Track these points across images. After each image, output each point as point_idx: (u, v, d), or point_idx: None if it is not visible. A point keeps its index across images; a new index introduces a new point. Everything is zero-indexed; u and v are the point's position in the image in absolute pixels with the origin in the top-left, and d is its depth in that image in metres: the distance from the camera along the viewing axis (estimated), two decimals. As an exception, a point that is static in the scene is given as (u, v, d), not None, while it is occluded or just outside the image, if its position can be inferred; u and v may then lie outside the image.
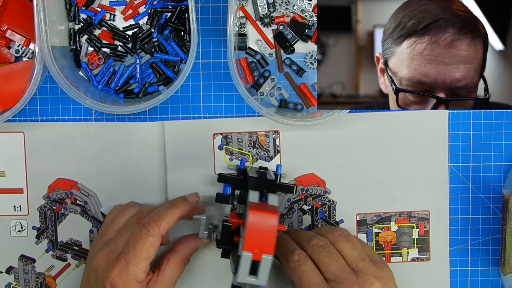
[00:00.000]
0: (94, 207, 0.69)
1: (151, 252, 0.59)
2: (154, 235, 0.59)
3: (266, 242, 0.55)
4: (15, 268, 0.70)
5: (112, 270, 0.58)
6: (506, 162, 0.69)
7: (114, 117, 0.69)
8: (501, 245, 0.70)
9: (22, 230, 0.70)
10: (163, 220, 0.60)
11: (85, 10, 0.68)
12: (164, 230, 0.60)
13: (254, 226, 0.55)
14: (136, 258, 0.58)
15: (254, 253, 0.55)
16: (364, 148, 0.69)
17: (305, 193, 0.69)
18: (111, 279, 0.57)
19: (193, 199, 0.64)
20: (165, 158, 0.68)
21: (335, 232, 0.63)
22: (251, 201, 0.58)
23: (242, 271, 0.55)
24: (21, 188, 0.69)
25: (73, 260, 0.70)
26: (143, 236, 0.58)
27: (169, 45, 0.68)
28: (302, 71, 0.68)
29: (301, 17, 0.68)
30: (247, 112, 0.69)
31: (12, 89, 0.65)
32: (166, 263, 0.63)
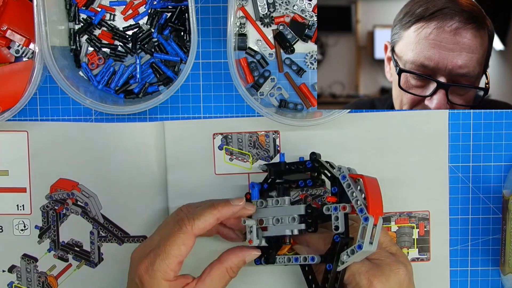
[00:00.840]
0: (95, 209, 0.69)
1: (182, 250, 0.57)
2: (186, 232, 0.57)
3: (379, 205, 0.56)
4: (17, 267, 0.70)
5: (141, 264, 0.57)
6: (506, 162, 0.69)
7: (114, 117, 0.69)
8: (501, 245, 0.70)
9: (25, 229, 0.70)
10: (198, 220, 0.58)
11: (85, 10, 0.68)
12: (198, 230, 0.57)
13: (371, 189, 0.56)
14: (165, 254, 0.56)
15: (375, 217, 0.55)
16: (364, 148, 0.69)
17: (305, 193, 0.69)
18: (140, 273, 0.57)
19: (237, 203, 0.60)
20: (165, 158, 0.68)
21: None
22: (349, 172, 0.58)
23: (367, 238, 0.55)
24: (24, 187, 0.69)
25: (74, 261, 0.70)
26: (175, 232, 0.57)
27: (169, 45, 0.68)
28: (302, 71, 0.69)
29: (301, 17, 0.68)
30: (247, 112, 0.69)
31: (12, 89, 0.65)
32: (208, 272, 0.59)
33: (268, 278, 0.69)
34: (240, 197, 0.62)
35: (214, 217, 0.59)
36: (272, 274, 0.69)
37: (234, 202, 0.60)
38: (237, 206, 0.60)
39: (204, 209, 0.59)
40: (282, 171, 0.64)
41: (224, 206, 0.59)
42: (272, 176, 0.64)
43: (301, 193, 0.69)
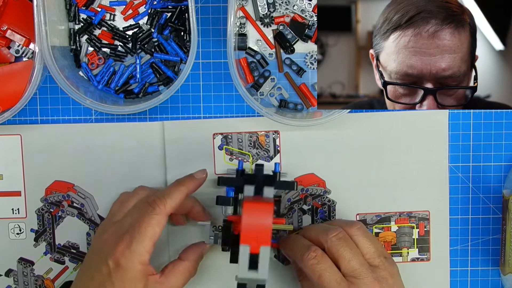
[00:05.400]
0: (91, 209, 0.69)
1: (157, 231, 0.57)
2: (159, 213, 0.58)
3: (262, 234, 0.55)
4: (14, 271, 0.70)
5: (116, 247, 0.57)
6: (506, 162, 0.69)
7: (114, 117, 0.69)
8: (501, 245, 0.70)
9: (20, 232, 0.69)
10: (169, 198, 0.59)
11: (85, 10, 0.68)
12: (170, 208, 0.59)
13: (249, 218, 0.55)
14: (141, 236, 0.57)
15: (252, 246, 0.55)
16: (364, 148, 0.69)
17: (305, 193, 0.69)
18: (115, 256, 0.56)
19: (200, 175, 0.63)
20: (165, 158, 0.68)
21: (352, 225, 0.62)
22: (246, 195, 0.59)
23: (242, 266, 0.55)
24: (19, 190, 0.69)
25: (71, 263, 0.70)
26: (148, 214, 0.57)
27: (169, 45, 0.68)
28: (302, 71, 0.68)
29: (301, 17, 0.68)
30: (247, 112, 0.69)
31: (12, 89, 0.65)
32: (170, 268, 0.61)
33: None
34: (202, 169, 0.64)
35: (183, 193, 0.60)
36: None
37: (197, 175, 0.63)
38: (201, 178, 0.63)
39: (172, 188, 0.60)
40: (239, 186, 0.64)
41: (190, 181, 0.62)
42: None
43: (300, 193, 0.69)
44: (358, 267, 0.58)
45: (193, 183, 0.62)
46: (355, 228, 0.61)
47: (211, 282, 0.69)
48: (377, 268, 0.59)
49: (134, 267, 0.57)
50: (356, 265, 0.58)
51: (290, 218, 0.70)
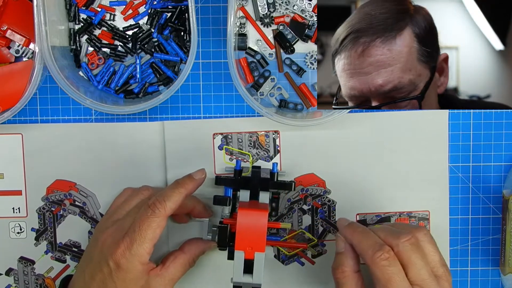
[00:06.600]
0: (93, 208, 0.69)
1: (157, 233, 0.58)
2: (159, 216, 0.58)
3: (257, 240, 0.57)
4: (14, 270, 0.70)
5: (117, 248, 0.57)
6: (506, 162, 0.69)
7: (114, 117, 0.69)
8: (501, 245, 0.70)
9: (21, 232, 0.70)
10: (169, 201, 0.59)
11: (85, 10, 0.68)
12: (170, 210, 0.59)
13: (243, 224, 0.57)
14: (141, 238, 0.57)
15: (246, 252, 0.56)
16: (364, 148, 0.69)
17: (305, 193, 0.69)
18: (115, 257, 0.57)
19: (199, 176, 0.63)
20: (165, 158, 0.68)
21: (420, 230, 0.59)
22: (241, 201, 0.60)
23: (237, 271, 0.56)
24: (20, 190, 0.69)
25: (72, 262, 0.70)
26: (148, 216, 0.58)
27: (169, 45, 0.68)
28: (302, 71, 0.69)
29: (301, 17, 0.68)
30: (247, 112, 0.69)
31: (12, 89, 0.65)
32: (172, 259, 0.63)
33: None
34: (201, 169, 0.64)
35: (182, 195, 0.60)
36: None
37: (196, 175, 0.63)
38: (200, 179, 0.63)
39: (171, 190, 0.60)
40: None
41: (189, 182, 0.62)
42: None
43: (300, 193, 0.69)
44: (427, 277, 0.56)
45: (192, 184, 0.62)
46: (422, 234, 0.58)
47: (211, 281, 0.69)
48: (440, 278, 0.57)
49: (135, 268, 0.57)
50: (425, 275, 0.56)
51: (290, 218, 0.70)
